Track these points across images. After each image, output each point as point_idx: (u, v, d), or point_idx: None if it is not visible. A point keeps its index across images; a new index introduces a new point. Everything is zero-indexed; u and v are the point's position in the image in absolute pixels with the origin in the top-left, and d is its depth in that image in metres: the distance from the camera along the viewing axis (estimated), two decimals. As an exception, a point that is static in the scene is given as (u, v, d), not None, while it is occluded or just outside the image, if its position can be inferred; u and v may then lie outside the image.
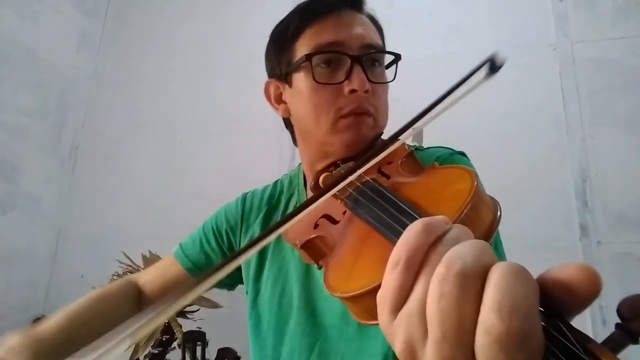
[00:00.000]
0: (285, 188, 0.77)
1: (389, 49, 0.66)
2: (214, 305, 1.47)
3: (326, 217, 0.49)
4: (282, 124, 0.74)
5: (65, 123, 1.99)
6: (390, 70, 0.66)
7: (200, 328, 1.41)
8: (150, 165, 1.93)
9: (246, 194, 0.79)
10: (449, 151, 0.64)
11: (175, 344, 1.41)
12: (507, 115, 1.53)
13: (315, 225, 0.49)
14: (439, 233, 0.26)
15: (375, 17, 0.68)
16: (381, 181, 0.47)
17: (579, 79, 1.53)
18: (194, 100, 1.97)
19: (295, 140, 0.72)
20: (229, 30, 2.00)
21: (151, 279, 0.77)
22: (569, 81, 1.54)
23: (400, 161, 0.50)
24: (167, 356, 1.42)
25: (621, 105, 1.48)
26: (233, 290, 0.82)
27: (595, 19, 1.58)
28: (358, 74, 0.58)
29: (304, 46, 0.61)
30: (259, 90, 0.71)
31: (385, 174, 0.49)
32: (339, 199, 0.49)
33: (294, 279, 0.65)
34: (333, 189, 0.41)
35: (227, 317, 1.36)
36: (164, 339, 1.40)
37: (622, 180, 1.42)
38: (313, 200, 0.40)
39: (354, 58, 0.59)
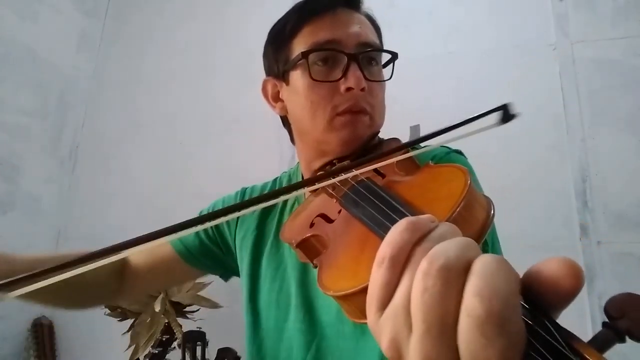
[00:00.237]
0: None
1: (388, 49, 0.66)
2: (214, 305, 1.47)
3: (322, 216, 0.49)
4: (282, 124, 0.74)
5: (65, 123, 1.99)
6: (387, 70, 0.66)
7: (200, 328, 1.41)
8: (150, 165, 1.93)
9: (245, 189, 0.80)
10: (445, 150, 0.64)
11: (175, 344, 1.41)
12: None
13: (311, 224, 0.49)
14: (424, 231, 0.26)
15: (372, 16, 0.68)
16: (376, 180, 0.47)
17: (579, 79, 1.53)
18: (194, 100, 1.97)
19: (293, 139, 0.73)
20: (229, 30, 2.00)
21: (138, 253, 0.77)
22: (569, 81, 1.54)
23: (396, 160, 0.51)
24: (167, 356, 1.42)
25: (621, 105, 1.48)
26: (226, 280, 0.82)
27: (595, 19, 1.58)
28: (354, 71, 0.58)
29: (300, 44, 0.62)
30: (259, 90, 0.71)
31: (381, 173, 0.50)
32: (334, 198, 0.49)
33: (291, 277, 0.65)
34: (327, 180, 0.41)
35: (227, 317, 1.36)
36: (164, 339, 1.40)
37: (622, 180, 1.42)
38: (302, 184, 0.40)
39: (351, 56, 0.59)
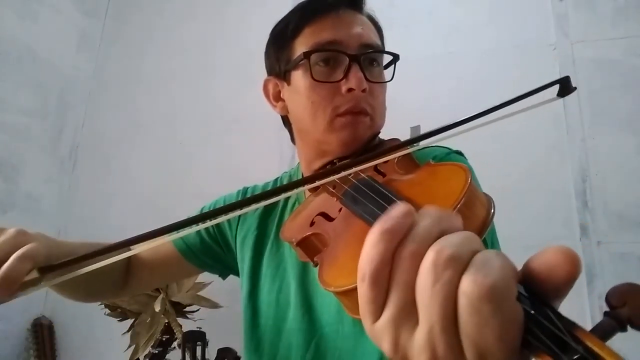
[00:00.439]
0: None
1: (388, 49, 0.66)
2: (214, 305, 1.47)
3: (322, 215, 0.49)
4: (282, 124, 0.74)
5: (65, 123, 1.99)
6: (389, 71, 0.66)
7: (200, 328, 1.41)
8: (150, 165, 1.93)
9: (247, 188, 0.80)
10: (445, 150, 0.64)
11: (175, 344, 1.41)
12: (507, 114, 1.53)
13: (312, 223, 0.49)
14: (400, 235, 0.26)
15: (374, 18, 0.68)
16: (377, 179, 0.47)
17: (579, 79, 1.53)
18: (194, 100, 1.97)
19: (293, 139, 0.73)
20: (229, 30, 2.00)
21: (143, 249, 0.77)
22: (569, 81, 1.54)
23: (396, 159, 0.51)
24: (167, 356, 1.42)
25: (621, 105, 1.48)
26: (224, 278, 0.83)
27: (595, 19, 1.58)
28: (356, 72, 0.58)
29: (302, 44, 0.62)
30: (259, 90, 0.71)
31: (381, 172, 0.50)
32: (335, 197, 0.49)
33: (291, 276, 0.66)
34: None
35: (227, 317, 1.36)
36: (164, 339, 1.40)
37: (622, 180, 1.42)
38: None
39: (352, 57, 0.59)
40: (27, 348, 1.67)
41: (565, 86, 0.42)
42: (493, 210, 0.34)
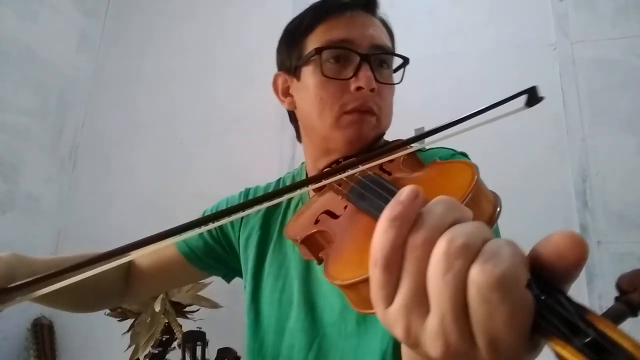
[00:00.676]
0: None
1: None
2: (214, 305, 1.47)
3: (327, 213, 0.49)
4: (282, 124, 0.74)
5: (65, 123, 1.99)
6: (397, 75, 0.67)
7: (200, 328, 1.41)
8: (150, 165, 1.93)
9: (249, 189, 0.80)
10: (450, 152, 0.64)
11: (175, 344, 1.41)
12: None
13: (316, 221, 0.49)
14: (410, 222, 0.26)
15: (387, 22, 0.69)
16: (383, 177, 0.47)
17: (579, 79, 1.53)
18: (194, 100, 1.97)
19: (299, 136, 0.74)
20: (229, 30, 2.00)
21: (142, 256, 0.77)
22: (569, 81, 1.54)
23: (402, 159, 0.51)
24: (167, 356, 1.42)
25: (621, 105, 1.48)
26: (229, 282, 0.82)
27: (595, 19, 1.58)
28: (365, 71, 0.59)
29: (315, 41, 0.63)
30: (259, 90, 0.71)
31: (387, 171, 0.50)
32: (340, 194, 0.50)
33: (294, 276, 0.66)
34: (333, 177, 0.41)
35: (227, 317, 1.36)
36: (164, 339, 1.40)
37: (622, 180, 1.42)
38: (307, 181, 0.40)
39: (363, 56, 0.60)
40: (27, 348, 1.67)
41: (533, 96, 0.42)
42: (499, 208, 0.34)
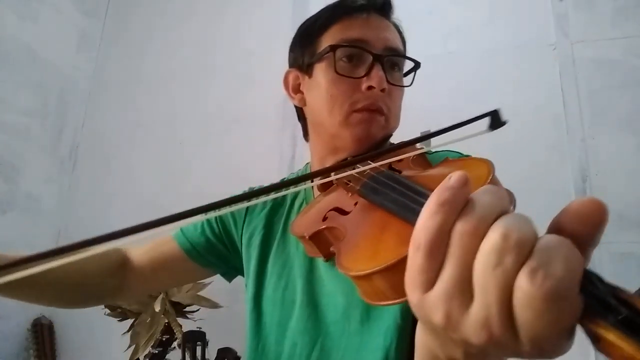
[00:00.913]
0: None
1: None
2: (214, 305, 1.47)
3: (336, 210, 0.50)
4: (282, 124, 0.74)
5: (65, 123, 1.99)
6: (407, 78, 0.69)
7: (200, 328, 1.41)
8: (150, 165, 1.93)
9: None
10: (457, 154, 0.65)
11: (175, 344, 1.41)
12: (507, 115, 1.53)
13: (324, 218, 0.50)
14: (459, 207, 0.25)
15: (400, 27, 0.71)
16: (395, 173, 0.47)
17: (579, 79, 1.53)
18: (194, 100, 1.97)
19: (306, 134, 0.74)
20: (229, 30, 2.00)
21: (142, 251, 0.77)
22: (569, 81, 1.54)
23: (411, 158, 0.52)
24: (167, 356, 1.42)
25: (621, 105, 1.48)
26: (230, 280, 0.82)
27: (595, 19, 1.58)
28: (377, 71, 0.61)
29: (329, 40, 0.64)
30: (259, 90, 0.71)
31: (397, 170, 0.50)
32: (350, 191, 0.50)
33: (297, 275, 0.66)
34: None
35: (227, 317, 1.36)
36: (164, 339, 1.40)
37: (622, 180, 1.42)
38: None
39: (376, 57, 0.61)
40: (27, 348, 1.67)
41: (495, 119, 0.42)
42: (513, 207, 0.34)
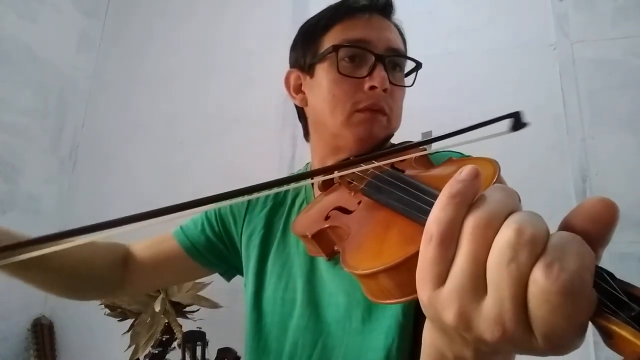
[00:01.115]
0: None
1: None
2: (214, 305, 1.47)
3: (338, 209, 0.50)
4: (282, 124, 0.74)
5: (65, 123, 1.99)
6: (409, 79, 0.69)
7: (200, 328, 1.41)
8: (150, 165, 1.93)
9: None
10: (459, 155, 0.65)
11: (175, 344, 1.41)
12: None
13: (327, 217, 0.50)
14: (470, 200, 0.26)
15: (401, 28, 0.71)
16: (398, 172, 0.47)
17: (579, 79, 1.53)
18: (194, 100, 1.97)
19: (306, 134, 0.74)
20: (229, 30, 2.00)
21: (143, 247, 0.78)
22: (569, 81, 1.54)
23: (414, 158, 0.52)
24: (167, 356, 1.42)
25: (621, 105, 1.48)
26: (229, 280, 0.82)
27: (595, 19, 1.58)
28: (380, 71, 0.61)
29: (331, 40, 0.64)
30: (259, 90, 0.71)
31: (399, 169, 0.50)
32: (353, 190, 0.50)
33: (298, 275, 0.66)
34: (347, 168, 0.42)
35: (227, 317, 1.36)
36: (164, 339, 1.40)
37: (623, 180, 1.42)
38: (321, 171, 0.40)
39: (378, 57, 0.62)
40: (27, 348, 1.67)
41: (517, 121, 0.43)
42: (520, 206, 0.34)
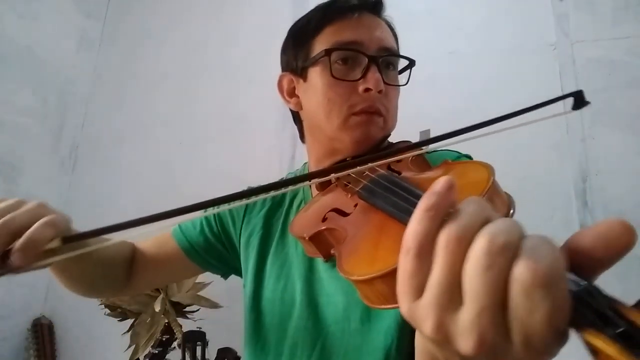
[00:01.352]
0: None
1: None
2: (214, 305, 1.47)
3: (335, 211, 0.50)
4: (282, 124, 0.74)
5: (65, 123, 1.99)
6: (403, 76, 0.69)
7: (200, 328, 1.41)
8: (150, 165, 1.93)
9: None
10: (456, 154, 0.65)
11: (175, 344, 1.41)
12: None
13: (324, 219, 0.50)
14: (443, 213, 0.26)
15: (392, 24, 0.70)
16: (394, 175, 0.47)
17: (579, 79, 1.53)
18: (194, 100, 1.97)
19: (302, 137, 0.74)
20: (229, 30, 2.00)
21: (145, 246, 0.78)
22: (569, 81, 1.54)
23: (410, 159, 0.52)
24: (167, 356, 1.42)
25: (621, 105, 1.48)
26: (226, 278, 0.83)
27: (596, 19, 1.57)
28: (374, 73, 0.60)
29: (323, 42, 0.63)
30: (259, 90, 0.71)
31: (396, 171, 0.50)
32: (350, 192, 0.50)
33: (296, 276, 0.66)
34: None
35: (227, 317, 1.36)
36: (164, 339, 1.40)
37: (622, 180, 1.42)
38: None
39: (371, 58, 0.61)
40: (27, 348, 1.67)
41: (579, 99, 0.43)
42: (513, 209, 0.34)
